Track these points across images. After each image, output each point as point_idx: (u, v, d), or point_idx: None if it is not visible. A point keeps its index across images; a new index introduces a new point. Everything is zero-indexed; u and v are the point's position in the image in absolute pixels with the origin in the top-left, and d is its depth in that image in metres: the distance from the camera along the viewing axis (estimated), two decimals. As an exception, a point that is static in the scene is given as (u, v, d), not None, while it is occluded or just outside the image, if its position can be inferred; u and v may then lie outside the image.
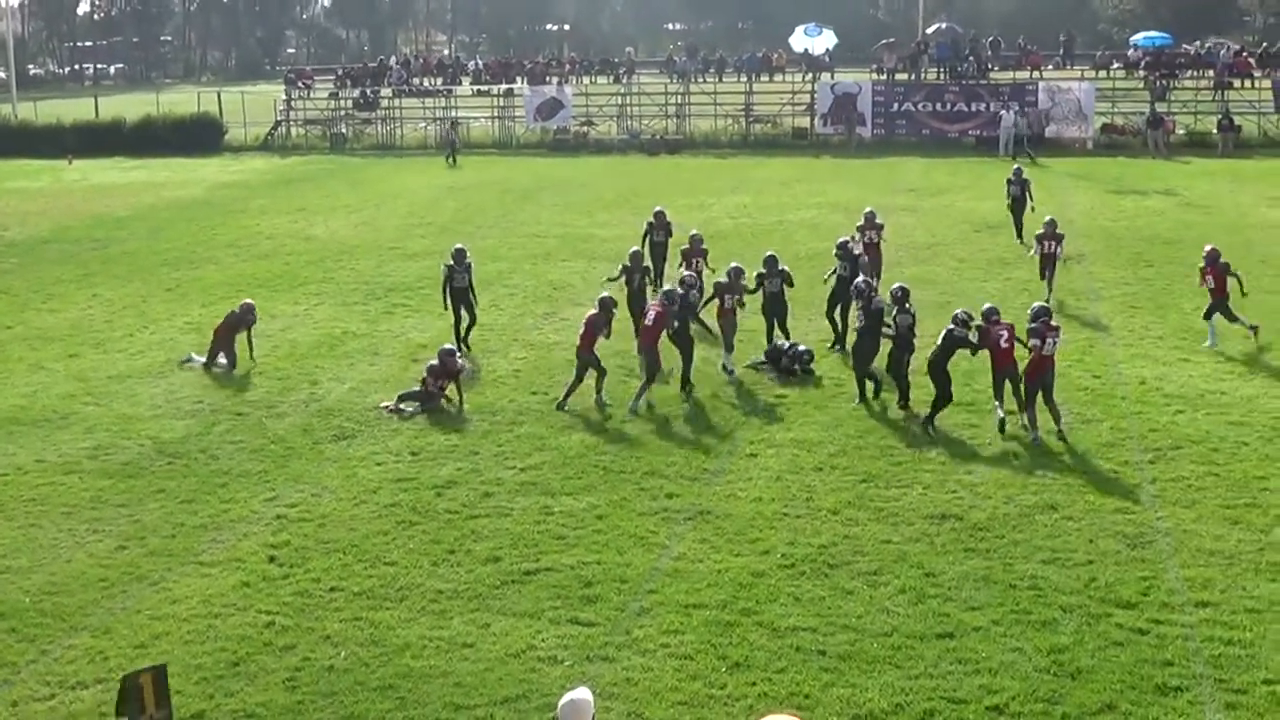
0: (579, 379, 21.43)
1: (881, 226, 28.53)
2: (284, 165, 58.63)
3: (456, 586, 14.95)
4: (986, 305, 20.50)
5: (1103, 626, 13.64)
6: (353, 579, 15.23)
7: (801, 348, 23.15)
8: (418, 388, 21.69)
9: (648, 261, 26.71)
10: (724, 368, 23.05)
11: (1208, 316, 24.24)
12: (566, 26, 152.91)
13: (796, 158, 55.44)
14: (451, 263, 25.23)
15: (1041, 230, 27.62)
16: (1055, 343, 19.56)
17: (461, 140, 59.86)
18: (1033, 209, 33.53)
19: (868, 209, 29.14)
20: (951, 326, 19.93)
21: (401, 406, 21.42)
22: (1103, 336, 24.87)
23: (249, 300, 25.38)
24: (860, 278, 22.79)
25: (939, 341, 19.97)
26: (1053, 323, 19.80)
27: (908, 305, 21.14)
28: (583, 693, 9.03)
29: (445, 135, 59.47)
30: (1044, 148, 55.01)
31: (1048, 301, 23.92)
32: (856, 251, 25.31)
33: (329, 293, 30.40)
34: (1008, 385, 19.83)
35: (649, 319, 21.84)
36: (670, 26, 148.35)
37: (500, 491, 17.83)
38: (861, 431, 19.83)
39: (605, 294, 22.60)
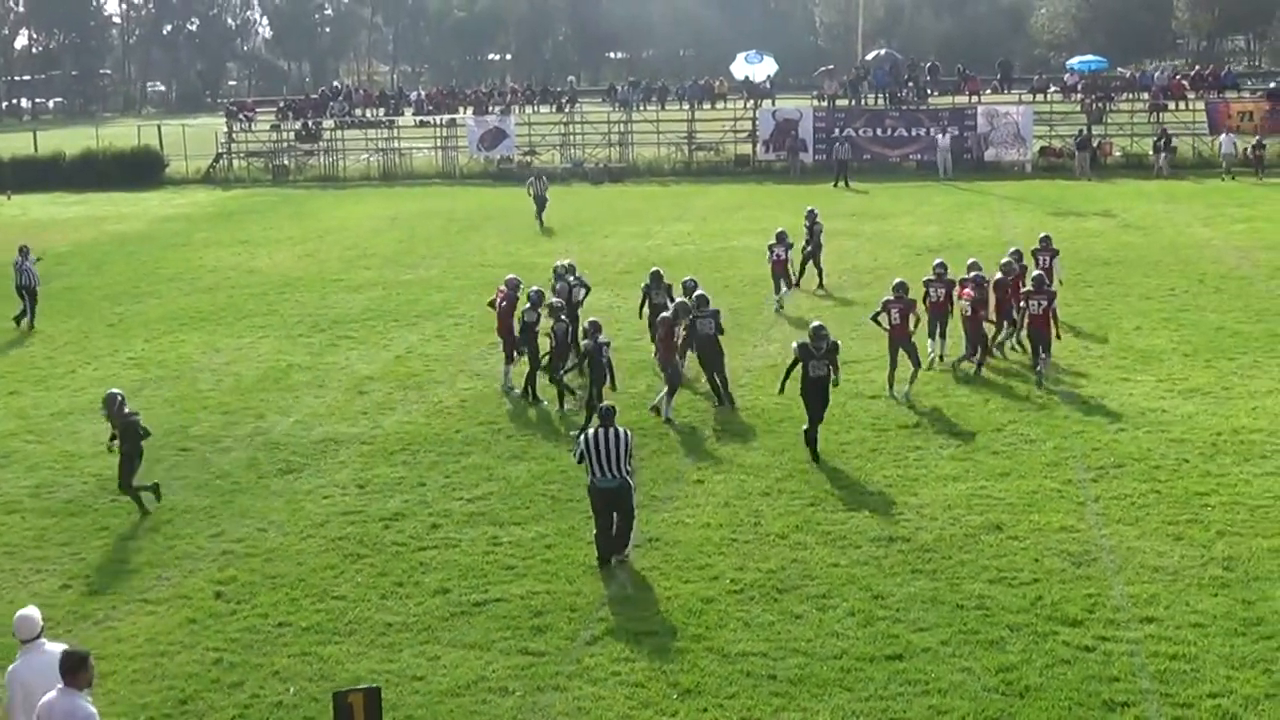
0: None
1: (790, 246, 30.63)
2: (226, 198, 58.37)
3: (406, 619, 14.88)
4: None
5: (1050, 645, 13.73)
6: (301, 614, 15.13)
7: None
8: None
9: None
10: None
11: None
12: (509, 56, 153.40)
13: (740, 184, 55.71)
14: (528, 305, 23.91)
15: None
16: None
17: (548, 189, 47.74)
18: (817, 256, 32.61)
19: (779, 229, 31.28)
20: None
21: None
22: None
23: (513, 275, 25.24)
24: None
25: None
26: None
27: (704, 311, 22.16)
28: (30, 609, 10.91)
29: (532, 188, 47.14)
30: (984, 171, 55.69)
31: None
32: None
33: (273, 326, 30.25)
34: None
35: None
36: (612, 55, 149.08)
37: (448, 523, 17.77)
38: (808, 456, 19.87)
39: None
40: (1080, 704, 12.57)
